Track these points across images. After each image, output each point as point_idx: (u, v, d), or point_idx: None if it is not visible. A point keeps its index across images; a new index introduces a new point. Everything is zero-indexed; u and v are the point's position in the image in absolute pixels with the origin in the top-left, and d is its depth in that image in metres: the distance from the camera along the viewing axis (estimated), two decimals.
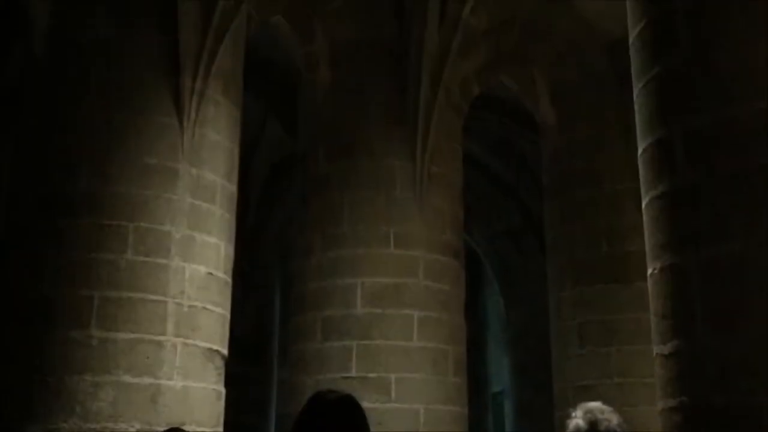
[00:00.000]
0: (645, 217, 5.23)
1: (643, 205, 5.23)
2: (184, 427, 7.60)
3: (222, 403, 10.08)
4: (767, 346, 4.35)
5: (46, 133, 9.83)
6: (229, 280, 10.37)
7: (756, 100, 4.59)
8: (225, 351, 10.13)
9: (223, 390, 10.07)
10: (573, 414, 4.74)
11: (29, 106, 10.17)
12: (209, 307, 9.82)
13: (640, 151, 5.28)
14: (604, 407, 4.71)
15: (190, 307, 9.58)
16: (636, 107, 5.38)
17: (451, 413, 12.21)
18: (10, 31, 11.61)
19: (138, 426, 9.03)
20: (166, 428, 7.41)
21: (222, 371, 10.03)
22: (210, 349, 9.77)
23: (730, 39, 4.77)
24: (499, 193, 19.97)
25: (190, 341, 9.52)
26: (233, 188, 10.69)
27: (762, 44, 4.64)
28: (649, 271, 5.11)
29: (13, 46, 11.99)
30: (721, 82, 4.75)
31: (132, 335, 9.17)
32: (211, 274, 9.92)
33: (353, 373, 11.73)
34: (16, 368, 9.13)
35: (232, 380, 10.42)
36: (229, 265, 10.40)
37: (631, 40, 5.49)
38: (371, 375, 11.71)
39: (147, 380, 9.15)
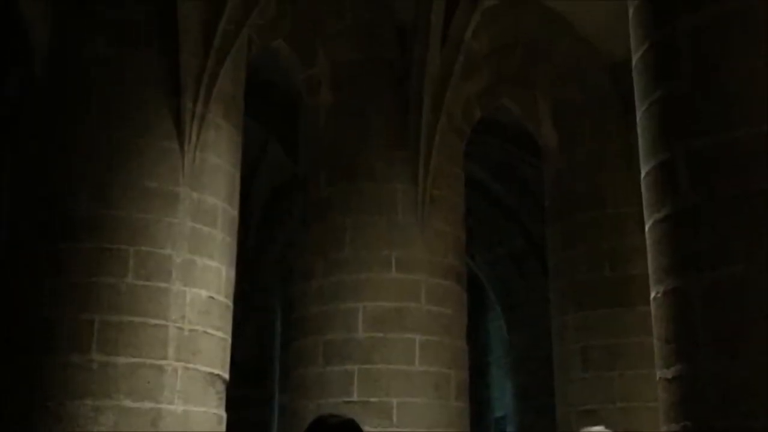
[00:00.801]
0: (648, 241, 5.20)
1: (646, 229, 5.21)
2: None
3: (223, 427, 10.06)
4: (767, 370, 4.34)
5: (46, 156, 9.84)
6: (230, 303, 10.35)
7: (757, 123, 4.58)
8: (226, 375, 10.10)
9: (224, 414, 10.04)
10: None
11: (29, 129, 10.17)
12: (210, 331, 9.80)
13: (643, 173, 5.26)
14: (607, 431, 4.69)
15: (191, 331, 9.56)
16: (639, 130, 5.36)
17: None
18: (10, 52, 11.61)
19: None
20: None
21: (223, 395, 10.00)
22: (211, 374, 9.74)
23: (732, 62, 4.76)
24: (501, 217, 19.96)
25: (191, 365, 9.49)
26: (234, 212, 10.68)
27: (764, 68, 4.63)
28: (652, 294, 5.08)
29: (13, 68, 11.98)
30: (723, 105, 4.74)
31: (133, 359, 9.15)
32: (212, 298, 9.90)
33: (355, 398, 11.68)
34: (16, 393, 9.11)
35: (232, 404, 10.39)
36: (230, 289, 10.38)
37: (633, 62, 5.48)
38: (373, 399, 11.66)
39: (148, 404, 9.13)
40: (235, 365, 10.46)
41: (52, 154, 9.81)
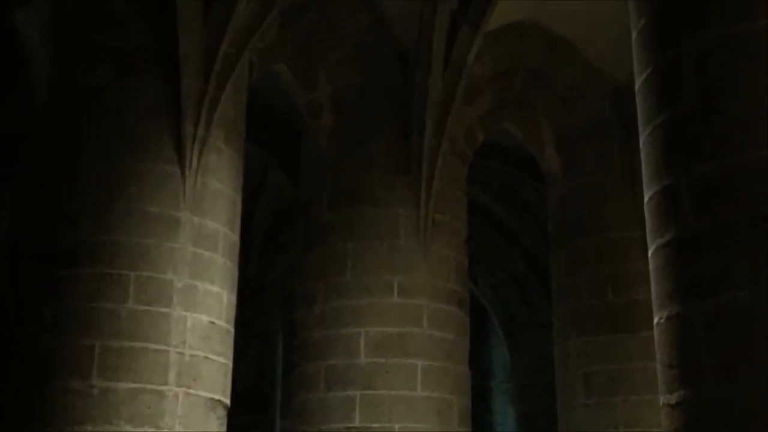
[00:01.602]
0: (651, 266, 5.17)
1: (649, 254, 5.17)
2: None
3: None
4: None
5: (47, 182, 9.84)
6: (231, 329, 10.32)
7: (760, 148, 4.55)
8: (227, 401, 10.06)
9: None
10: None
11: (29, 155, 10.18)
12: (211, 356, 9.77)
13: (646, 198, 5.23)
14: None
15: (191, 356, 9.53)
16: (642, 154, 5.33)
17: None
18: (10, 78, 11.62)
19: None
20: None
21: (224, 421, 9.97)
22: (212, 399, 9.71)
23: (736, 86, 4.74)
24: (504, 241, 19.92)
25: (191, 391, 9.46)
26: (235, 237, 10.65)
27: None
28: (656, 320, 5.05)
29: (13, 94, 11.99)
30: (726, 130, 4.71)
31: (133, 385, 9.13)
32: (213, 323, 9.87)
33: (357, 423, 11.63)
34: (16, 419, 9.09)
35: (234, 430, 10.36)
36: (231, 314, 10.35)
37: (637, 86, 5.45)
38: (375, 425, 11.60)
39: (148, 430, 9.12)
40: (236, 391, 10.43)
41: (53, 179, 9.81)
